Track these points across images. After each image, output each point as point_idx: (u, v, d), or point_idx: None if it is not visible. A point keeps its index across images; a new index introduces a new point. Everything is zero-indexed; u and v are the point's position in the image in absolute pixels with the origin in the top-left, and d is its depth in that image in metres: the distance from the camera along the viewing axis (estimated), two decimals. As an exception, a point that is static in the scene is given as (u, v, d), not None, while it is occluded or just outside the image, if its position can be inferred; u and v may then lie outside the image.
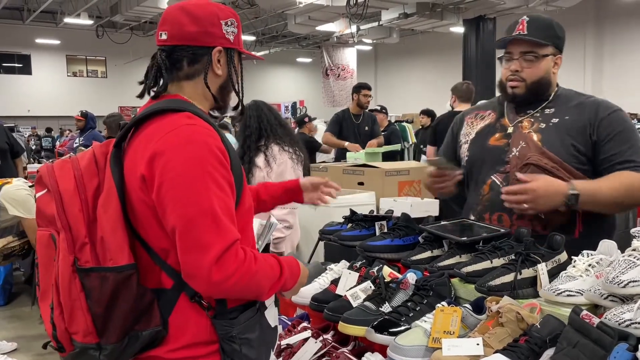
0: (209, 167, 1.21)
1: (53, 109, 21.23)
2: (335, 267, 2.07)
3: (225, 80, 1.40)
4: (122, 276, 1.19)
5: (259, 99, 3.37)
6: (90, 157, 1.29)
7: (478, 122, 2.14)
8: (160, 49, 1.36)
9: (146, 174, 1.21)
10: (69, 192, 1.24)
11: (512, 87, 1.98)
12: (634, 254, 1.31)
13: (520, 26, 1.93)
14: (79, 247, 1.21)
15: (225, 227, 1.21)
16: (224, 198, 1.23)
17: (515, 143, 1.96)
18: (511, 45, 1.97)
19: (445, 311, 1.49)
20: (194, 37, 1.32)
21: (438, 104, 9.93)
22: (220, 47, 1.35)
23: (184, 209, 1.18)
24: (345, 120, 5.92)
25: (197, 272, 1.18)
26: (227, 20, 1.36)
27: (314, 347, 1.72)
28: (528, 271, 1.57)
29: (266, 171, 3.11)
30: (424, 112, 8.49)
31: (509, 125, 2.01)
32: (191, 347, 1.28)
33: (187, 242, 1.19)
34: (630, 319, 1.21)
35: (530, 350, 1.28)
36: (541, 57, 1.94)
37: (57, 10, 17.94)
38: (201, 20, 1.33)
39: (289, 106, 19.29)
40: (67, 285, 1.19)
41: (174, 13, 1.34)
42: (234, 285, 1.21)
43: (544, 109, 1.99)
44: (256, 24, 17.81)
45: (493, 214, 1.97)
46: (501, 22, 14.59)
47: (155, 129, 1.25)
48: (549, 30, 1.95)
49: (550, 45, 1.94)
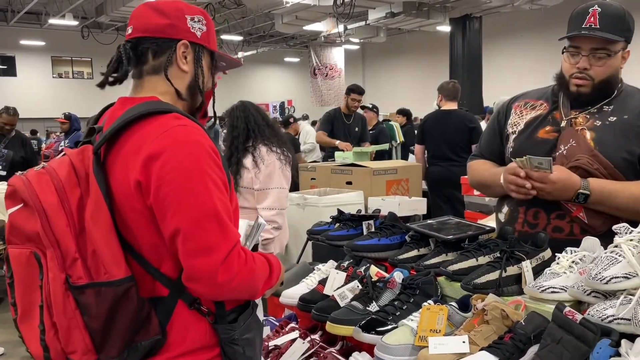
0: (206, 167, 1.21)
1: (38, 111, 20.98)
2: (323, 267, 2.07)
3: (192, 78, 1.36)
4: (121, 290, 1.16)
5: (246, 100, 3.36)
6: (68, 166, 1.22)
7: (528, 111, 1.96)
8: (126, 42, 1.35)
9: (142, 179, 1.18)
10: (53, 207, 1.16)
11: (577, 86, 1.80)
12: (616, 251, 1.33)
13: (592, 18, 1.72)
14: (70, 263, 1.16)
15: (228, 228, 1.21)
16: (223, 198, 1.23)
17: (564, 140, 1.81)
18: (579, 39, 1.77)
19: (432, 309, 1.50)
20: (159, 28, 1.32)
21: (425, 103, 9.99)
22: (185, 41, 1.33)
23: (187, 212, 1.17)
24: (336, 119, 5.93)
25: (204, 274, 1.17)
26: (194, 17, 1.35)
27: (302, 348, 1.73)
28: (513, 268, 1.58)
29: (254, 172, 3.10)
30: (399, 112, 8.75)
31: (561, 120, 1.85)
32: (192, 353, 1.26)
33: (191, 245, 1.17)
34: (613, 315, 1.23)
35: (515, 347, 1.29)
36: (613, 55, 1.76)
37: (41, 11, 17.74)
38: (166, 13, 1.33)
39: (277, 106, 19.27)
40: (61, 305, 1.14)
41: (141, 8, 1.35)
42: (237, 285, 1.21)
43: (602, 106, 1.83)
44: (243, 23, 17.76)
45: (529, 209, 1.84)
46: (487, 21, 14.70)
47: (144, 133, 1.22)
48: (622, 23, 1.75)
49: (622, 41, 1.76)
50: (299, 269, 2.18)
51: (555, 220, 1.80)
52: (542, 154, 1.79)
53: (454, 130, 4.85)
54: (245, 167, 3.11)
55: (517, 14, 14.77)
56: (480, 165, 2.09)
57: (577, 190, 1.71)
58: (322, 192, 4.10)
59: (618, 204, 1.72)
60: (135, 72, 1.35)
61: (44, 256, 1.16)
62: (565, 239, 1.75)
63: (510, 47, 17.78)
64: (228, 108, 3.31)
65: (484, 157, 2.11)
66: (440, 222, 2.02)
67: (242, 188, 3.12)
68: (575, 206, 1.76)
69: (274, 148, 3.16)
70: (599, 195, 1.72)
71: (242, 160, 3.13)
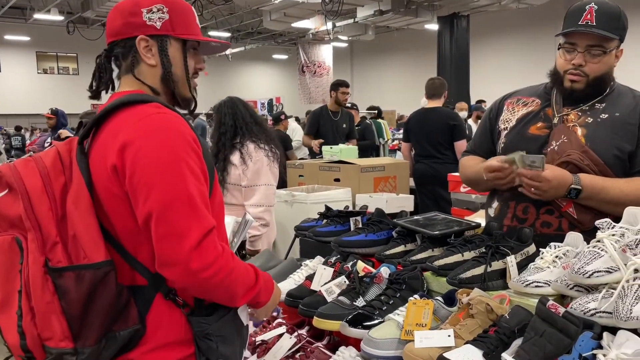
0: (183, 153, 1.20)
1: (23, 106, 20.73)
2: (310, 263, 2.08)
3: (162, 71, 1.35)
4: (100, 273, 1.16)
5: (234, 96, 3.35)
6: (54, 154, 1.25)
7: (520, 107, 1.98)
8: (103, 50, 1.40)
9: (117, 164, 1.19)
10: (36, 191, 1.19)
11: (571, 81, 1.82)
12: (599, 245, 1.35)
13: (589, 15, 1.74)
14: (50, 246, 1.16)
15: (202, 212, 1.20)
16: (199, 185, 1.22)
17: (556, 136, 1.83)
18: (575, 35, 1.79)
19: (418, 304, 1.52)
20: (119, 30, 1.34)
21: (413, 101, 10.01)
22: (142, 36, 1.32)
23: (159, 195, 1.16)
24: (322, 117, 5.95)
25: (175, 258, 1.16)
26: (151, 7, 1.33)
27: (289, 343, 1.73)
28: (498, 263, 1.60)
29: (242, 169, 3.09)
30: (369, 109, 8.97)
31: (553, 116, 1.87)
32: (166, 347, 1.25)
33: (163, 229, 1.16)
34: (595, 308, 1.25)
35: (500, 340, 1.31)
36: (608, 52, 1.78)
37: (26, 6, 17.51)
38: (122, 13, 1.34)
39: (265, 103, 19.20)
40: (39, 288, 1.14)
41: (110, 12, 1.37)
42: (211, 276, 1.18)
43: (594, 103, 1.85)
44: (231, 20, 17.66)
45: (519, 204, 1.86)
46: (475, 20, 14.78)
47: (122, 120, 1.24)
48: (617, 22, 1.77)
49: (617, 39, 1.79)
50: (287, 265, 2.18)
51: (544, 215, 1.82)
52: (534, 149, 1.82)
53: (436, 128, 4.89)
54: (233, 163, 3.10)
55: (505, 13, 14.87)
56: (469, 162, 2.12)
57: (569, 186, 1.73)
58: (310, 189, 4.11)
59: (608, 200, 1.75)
60: (117, 74, 1.39)
61: (25, 240, 1.17)
62: (554, 234, 1.77)
63: (498, 45, 17.90)
64: (216, 104, 3.29)
65: (475, 154, 2.14)
66: (427, 218, 2.03)
67: (230, 185, 3.12)
68: (565, 201, 1.79)
69: (261, 145, 3.16)
70: (590, 191, 1.74)
71: (229, 157, 3.12)
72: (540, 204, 1.82)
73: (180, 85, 1.38)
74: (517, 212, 1.86)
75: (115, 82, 1.41)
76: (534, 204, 1.83)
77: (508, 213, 1.89)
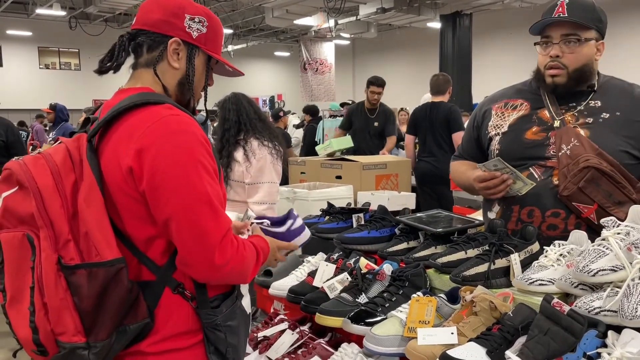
0: (199, 155, 1.24)
1: (25, 102, 20.71)
2: (313, 259, 2.08)
3: (183, 75, 1.38)
4: (112, 270, 1.18)
5: (239, 92, 3.33)
6: (64, 152, 1.26)
7: (509, 112, 1.95)
8: (127, 32, 1.39)
9: (134, 166, 1.21)
10: (48, 189, 1.19)
11: (552, 76, 1.82)
12: (604, 244, 1.34)
13: (560, 8, 1.78)
14: (62, 244, 1.18)
15: (220, 212, 1.25)
16: (215, 185, 1.26)
17: (565, 139, 1.78)
18: (550, 28, 1.81)
19: (421, 301, 1.51)
20: (154, 23, 1.35)
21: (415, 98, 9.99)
22: (177, 39, 1.35)
23: (181, 198, 1.20)
24: (355, 113, 5.84)
25: (201, 257, 1.21)
26: (195, 17, 1.36)
27: (291, 339, 1.73)
28: (501, 261, 1.60)
29: (245, 166, 3.08)
30: (305, 110, 9.22)
31: (553, 120, 1.84)
32: (174, 338, 1.29)
33: (187, 230, 1.21)
34: (600, 307, 1.25)
35: (503, 338, 1.30)
36: (584, 41, 1.78)
37: (28, 1, 17.49)
38: (165, 9, 1.35)
39: (267, 100, 19.19)
40: (52, 285, 1.16)
41: (147, 1, 1.38)
42: (230, 270, 1.25)
43: (588, 102, 1.84)
44: (233, 17, 17.63)
45: (524, 207, 1.83)
46: (477, 18, 14.75)
47: (136, 121, 1.25)
48: (591, 13, 1.80)
49: (592, 29, 1.80)
50: (289, 261, 2.18)
51: (550, 217, 1.80)
52: (534, 154, 1.82)
53: (440, 122, 4.90)
54: (236, 160, 3.09)
55: (507, 12, 14.83)
56: (458, 168, 2.12)
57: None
58: (312, 187, 4.11)
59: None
60: (132, 64, 1.39)
61: (36, 237, 1.18)
62: (560, 236, 1.73)
63: (500, 44, 17.86)
64: (220, 100, 3.28)
65: (464, 159, 2.14)
66: (430, 216, 2.03)
67: (233, 181, 3.11)
68: (586, 208, 1.75)
69: (265, 142, 3.14)
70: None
71: (233, 154, 3.11)
72: (546, 207, 1.80)
73: (194, 94, 1.43)
74: (522, 215, 1.84)
75: (124, 70, 1.41)
76: (539, 207, 1.81)
77: (512, 217, 1.86)
